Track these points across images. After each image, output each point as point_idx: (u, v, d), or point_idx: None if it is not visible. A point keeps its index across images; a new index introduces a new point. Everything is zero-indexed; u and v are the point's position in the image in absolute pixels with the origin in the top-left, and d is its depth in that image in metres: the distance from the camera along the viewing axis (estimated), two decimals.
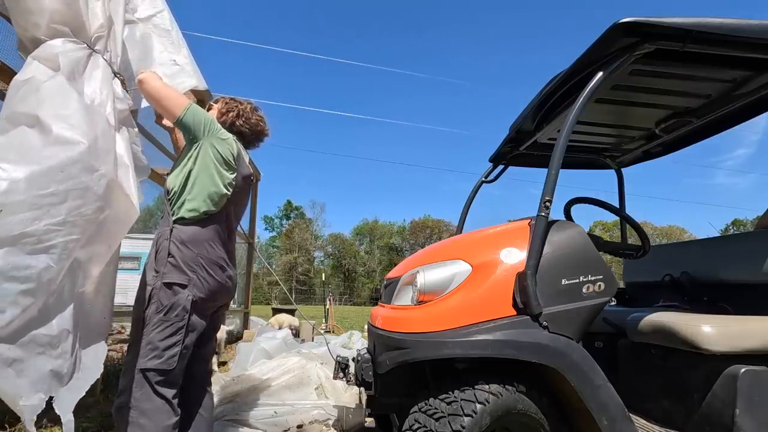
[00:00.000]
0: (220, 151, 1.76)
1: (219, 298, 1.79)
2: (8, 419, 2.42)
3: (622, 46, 1.54)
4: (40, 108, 1.34)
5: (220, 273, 1.76)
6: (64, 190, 1.30)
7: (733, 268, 2.03)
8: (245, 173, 1.89)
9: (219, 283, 1.75)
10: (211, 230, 1.75)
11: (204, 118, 1.77)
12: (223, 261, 1.79)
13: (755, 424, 1.47)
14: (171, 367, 1.60)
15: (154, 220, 23.84)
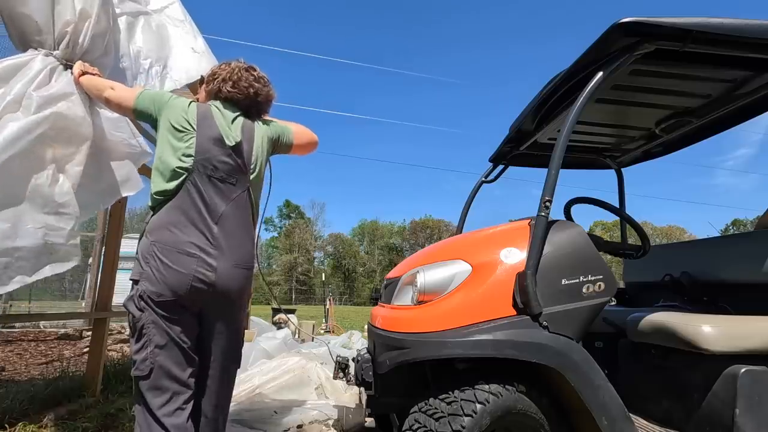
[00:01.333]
0: (169, 120, 1.55)
1: (187, 292, 1.44)
2: (8, 419, 2.42)
3: (622, 46, 1.54)
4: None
5: (183, 261, 1.43)
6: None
7: (733, 268, 2.03)
8: (214, 135, 1.56)
9: (180, 273, 1.42)
10: (173, 212, 1.48)
11: (151, 96, 1.61)
12: (193, 247, 1.45)
13: (755, 424, 1.47)
14: (144, 372, 1.42)
15: None
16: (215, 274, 1.47)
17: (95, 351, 3.25)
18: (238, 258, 1.55)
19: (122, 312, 5.33)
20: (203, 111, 1.60)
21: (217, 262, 1.48)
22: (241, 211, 1.58)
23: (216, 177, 1.54)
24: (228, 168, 1.56)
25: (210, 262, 1.47)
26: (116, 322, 7.05)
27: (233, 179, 1.57)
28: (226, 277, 1.50)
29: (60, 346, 5.82)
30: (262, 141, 1.69)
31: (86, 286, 9.28)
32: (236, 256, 1.54)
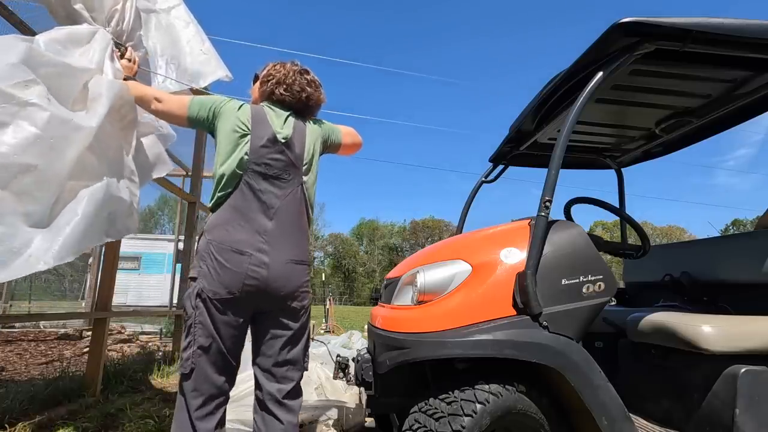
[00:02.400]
0: (226, 125, 1.59)
1: (241, 291, 1.45)
2: (8, 419, 2.42)
3: (622, 46, 1.54)
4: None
5: (237, 259, 1.45)
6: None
7: (733, 268, 2.03)
8: (267, 134, 1.58)
9: (233, 272, 1.44)
10: (229, 211, 1.51)
11: (203, 103, 1.64)
12: (246, 245, 1.47)
13: (755, 424, 1.47)
14: (186, 371, 1.43)
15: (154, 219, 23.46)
16: (268, 270, 1.48)
17: (95, 351, 3.25)
18: (292, 253, 1.54)
19: (122, 312, 5.31)
20: (257, 112, 1.63)
21: (269, 258, 1.49)
22: (295, 207, 1.59)
23: (270, 174, 1.56)
24: (281, 164, 1.58)
25: (263, 259, 1.48)
26: (116, 322, 7.06)
27: (287, 175, 1.59)
28: (279, 274, 1.50)
29: (60, 346, 5.82)
30: (313, 138, 1.71)
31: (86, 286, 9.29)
32: (290, 251, 1.54)
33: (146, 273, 14.32)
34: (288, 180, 1.59)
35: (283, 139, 1.60)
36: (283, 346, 1.56)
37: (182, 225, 8.44)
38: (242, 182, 1.53)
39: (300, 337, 1.61)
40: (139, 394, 3.35)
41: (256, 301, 1.49)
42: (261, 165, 1.55)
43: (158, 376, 4.01)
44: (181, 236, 8.71)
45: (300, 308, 1.58)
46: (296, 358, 1.59)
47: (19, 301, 11.41)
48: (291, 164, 1.60)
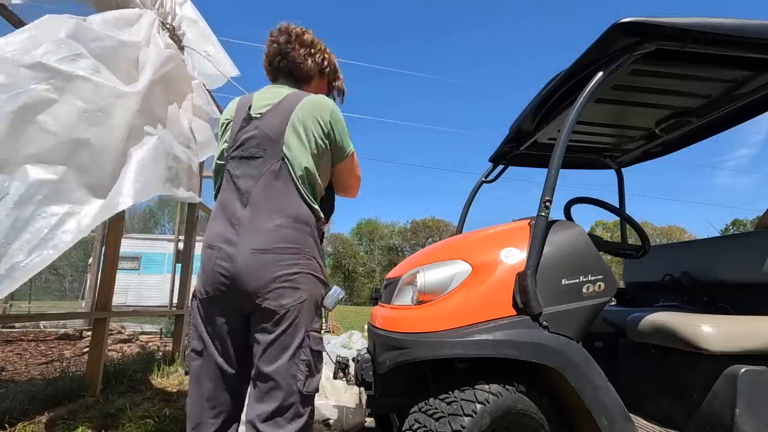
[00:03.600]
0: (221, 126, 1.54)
1: (215, 290, 1.29)
2: (8, 419, 2.42)
3: (622, 46, 1.54)
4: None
5: (208, 255, 1.32)
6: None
7: (733, 268, 2.03)
8: (243, 115, 1.42)
9: (206, 270, 1.31)
10: (215, 207, 1.42)
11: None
12: (217, 238, 1.32)
13: (755, 424, 1.47)
14: (186, 370, 1.38)
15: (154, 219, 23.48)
16: (232, 263, 1.26)
17: (95, 351, 3.25)
18: (259, 241, 1.26)
19: (122, 312, 5.30)
20: (243, 97, 1.51)
21: (235, 249, 1.27)
22: (271, 186, 1.33)
23: (246, 156, 1.37)
24: (255, 141, 1.37)
25: (228, 251, 1.28)
26: (116, 322, 7.06)
27: (261, 152, 1.35)
28: (243, 266, 1.25)
29: (60, 346, 5.82)
30: (307, 110, 1.39)
31: (86, 286, 9.29)
32: (257, 238, 1.27)
33: (146, 273, 14.33)
34: (263, 157, 1.35)
35: (258, 113, 1.40)
36: (261, 355, 1.26)
37: (182, 225, 8.44)
38: (224, 172, 1.42)
39: (285, 345, 1.25)
40: (139, 394, 3.35)
41: (230, 300, 1.30)
42: (237, 149, 1.39)
43: (158, 376, 4.00)
44: (181, 236, 8.71)
45: (276, 308, 1.25)
46: (279, 373, 1.24)
47: (19, 301, 11.41)
48: (266, 138, 1.36)
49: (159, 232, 31.52)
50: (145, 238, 15.33)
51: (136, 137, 1.60)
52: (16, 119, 1.33)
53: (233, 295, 1.28)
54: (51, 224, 1.35)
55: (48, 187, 1.37)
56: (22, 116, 1.35)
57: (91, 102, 1.44)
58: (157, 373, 4.05)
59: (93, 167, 1.45)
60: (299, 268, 1.29)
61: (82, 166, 1.43)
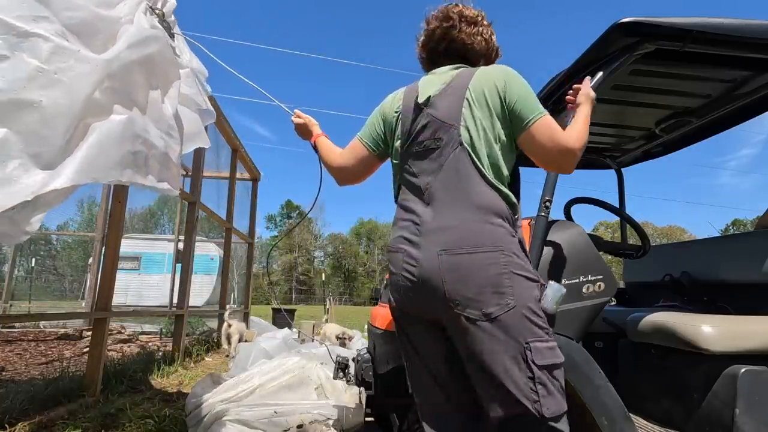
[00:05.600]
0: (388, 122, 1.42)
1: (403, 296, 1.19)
2: (8, 419, 2.42)
3: (622, 46, 1.54)
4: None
5: (395, 260, 1.20)
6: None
7: (733, 268, 2.03)
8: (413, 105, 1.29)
9: (393, 275, 1.21)
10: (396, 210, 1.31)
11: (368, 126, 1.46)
12: (401, 240, 1.20)
13: (755, 424, 1.47)
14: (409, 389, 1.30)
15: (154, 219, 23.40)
16: (418, 267, 1.12)
17: (95, 351, 3.25)
18: (448, 240, 1.10)
19: (122, 312, 5.31)
20: (409, 87, 1.38)
21: (420, 251, 1.13)
22: (454, 176, 1.17)
23: (421, 150, 1.23)
24: (429, 131, 1.22)
25: (413, 254, 1.14)
26: (116, 322, 7.06)
27: (438, 141, 1.21)
28: (431, 269, 1.10)
29: (60, 346, 5.82)
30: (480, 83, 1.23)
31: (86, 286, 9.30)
32: (445, 238, 1.11)
33: (146, 273, 14.33)
34: (439, 147, 1.20)
35: (425, 100, 1.25)
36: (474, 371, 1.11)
37: (182, 225, 8.44)
38: (401, 172, 1.30)
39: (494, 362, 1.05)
40: (139, 394, 3.35)
41: (421, 307, 1.17)
42: (411, 144, 1.26)
43: (158, 376, 4.01)
44: (181, 236, 8.72)
45: (477, 318, 1.06)
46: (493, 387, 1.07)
47: (19, 301, 11.41)
48: (440, 125, 1.21)
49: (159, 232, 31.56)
50: (145, 238, 15.34)
51: (102, 114, 1.44)
52: None
53: (423, 302, 1.15)
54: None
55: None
56: None
57: (48, 62, 1.29)
58: (157, 373, 4.05)
59: (41, 134, 1.28)
60: (500, 268, 1.07)
61: (27, 131, 1.27)
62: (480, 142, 1.19)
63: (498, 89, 1.22)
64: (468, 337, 1.08)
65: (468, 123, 1.19)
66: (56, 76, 1.31)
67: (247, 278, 8.75)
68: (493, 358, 1.05)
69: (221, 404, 2.55)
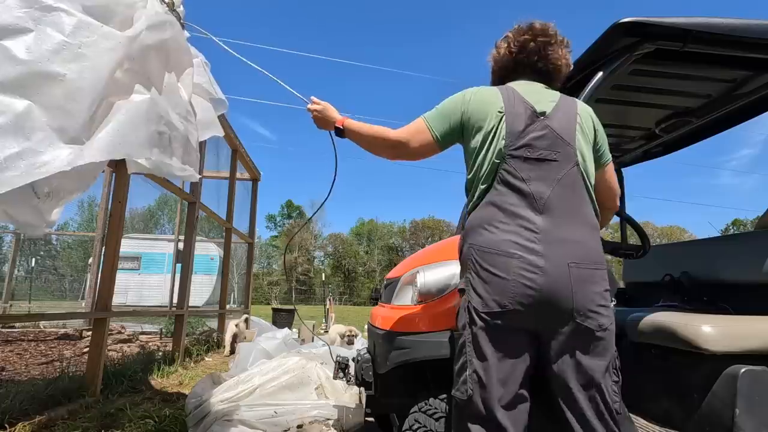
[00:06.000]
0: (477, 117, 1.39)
1: (513, 303, 1.15)
2: (8, 419, 2.42)
3: (622, 46, 1.55)
4: None
5: (503, 263, 1.17)
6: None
7: (733, 268, 2.03)
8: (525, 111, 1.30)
9: (501, 280, 1.17)
10: (487, 209, 1.26)
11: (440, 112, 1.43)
12: (513, 245, 1.18)
13: (755, 424, 1.47)
14: (463, 396, 1.19)
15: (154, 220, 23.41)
16: (544, 276, 1.14)
17: (95, 351, 3.25)
18: (575, 254, 1.17)
19: (122, 312, 5.31)
20: (505, 90, 1.37)
21: (544, 261, 1.15)
22: (571, 193, 1.24)
23: (534, 158, 1.25)
24: (545, 143, 1.26)
25: (535, 262, 1.16)
26: (116, 322, 7.05)
27: (555, 154, 1.25)
28: (560, 280, 1.14)
29: (60, 346, 5.82)
30: (586, 113, 1.39)
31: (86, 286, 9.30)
32: (571, 251, 1.17)
33: (146, 273, 14.34)
34: (557, 161, 1.25)
35: (542, 112, 1.30)
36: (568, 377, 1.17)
37: (182, 225, 8.45)
38: (500, 172, 1.27)
39: (599, 368, 1.17)
40: (139, 394, 3.35)
41: (532, 316, 1.17)
42: (522, 148, 1.26)
43: (158, 376, 4.01)
44: (181, 236, 8.72)
45: (595, 329, 1.16)
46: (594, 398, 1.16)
47: (19, 301, 11.41)
48: (558, 140, 1.26)
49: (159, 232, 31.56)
50: (145, 238, 15.34)
51: (124, 93, 1.44)
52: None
53: (541, 310, 1.15)
54: (4, 156, 1.19)
55: (4, 117, 1.22)
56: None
57: (72, 36, 1.30)
58: (157, 373, 4.05)
59: (66, 108, 1.29)
60: (606, 285, 1.21)
61: (52, 104, 1.27)
62: (587, 166, 1.30)
63: (595, 125, 1.40)
64: (583, 345, 1.17)
65: (580, 146, 1.30)
66: (80, 51, 1.31)
67: (247, 278, 8.76)
68: (599, 364, 1.17)
69: (221, 404, 2.55)
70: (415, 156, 1.47)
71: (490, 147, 1.30)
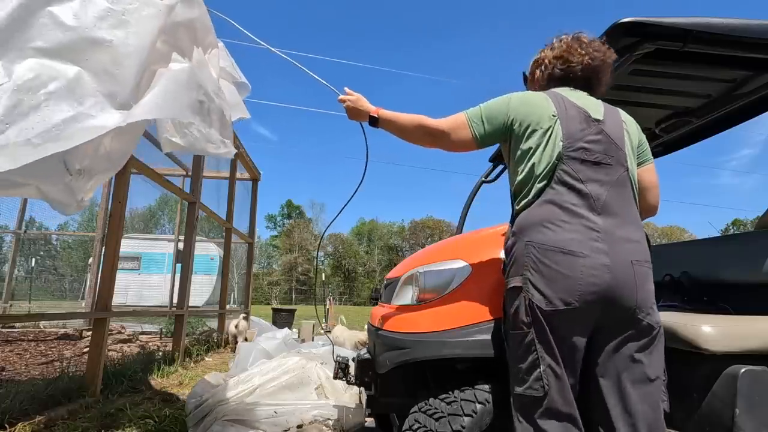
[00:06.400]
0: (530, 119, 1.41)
1: (579, 300, 1.18)
2: (8, 419, 2.42)
3: (622, 46, 1.54)
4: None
5: (569, 262, 1.20)
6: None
7: (733, 268, 2.03)
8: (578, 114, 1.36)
9: (567, 277, 1.20)
10: (545, 208, 1.29)
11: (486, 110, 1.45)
12: (577, 244, 1.22)
13: (755, 424, 1.47)
14: (539, 393, 1.19)
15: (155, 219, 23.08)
16: (610, 274, 1.19)
17: (95, 351, 3.25)
18: (635, 253, 1.24)
19: (122, 312, 5.31)
20: (554, 95, 1.41)
21: (610, 259, 1.20)
22: (623, 195, 1.31)
23: (590, 160, 1.30)
24: (601, 147, 1.32)
25: (602, 261, 1.19)
26: (116, 322, 7.06)
27: (609, 158, 1.32)
28: (625, 278, 1.20)
29: (60, 346, 5.82)
30: (630, 122, 1.48)
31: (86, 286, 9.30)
32: (632, 250, 1.24)
33: (146, 273, 14.32)
34: (611, 165, 1.32)
35: (600, 115, 1.37)
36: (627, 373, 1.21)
37: (182, 225, 8.44)
38: (557, 172, 1.30)
39: (657, 365, 1.25)
40: (139, 394, 3.35)
41: (596, 313, 1.20)
42: (578, 150, 1.30)
43: (158, 376, 4.01)
44: (181, 236, 8.71)
45: (654, 324, 1.24)
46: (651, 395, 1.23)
47: (19, 301, 11.41)
48: (612, 145, 1.33)
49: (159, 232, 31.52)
50: (145, 238, 15.33)
51: (165, 61, 1.46)
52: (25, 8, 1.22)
53: (605, 307, 1.20)
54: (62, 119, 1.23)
55: (58, 83, 1.25)
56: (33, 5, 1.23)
57: (115, 2, 1.33)
58: (157, 373, 4.05)
59: (114, 73, 1.31)
60: (653, 288, 1.29)
61: (100, 69, 1.30)
62: (633, 170, 1.39)
63: (638, 130, 1.50)
64: (642, 341, 1.23)
65: (629, 151, 1.38)
66: (124, 17, 1.34)
67: (247, 278, 8.76)
68: (659, 359, 1.26)
69: (221, 404, 2.55)
70: (452, 149, 1.50)
71: (547, 148, 1.33)
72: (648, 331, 1.23)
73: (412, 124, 1.49)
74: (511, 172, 1.47)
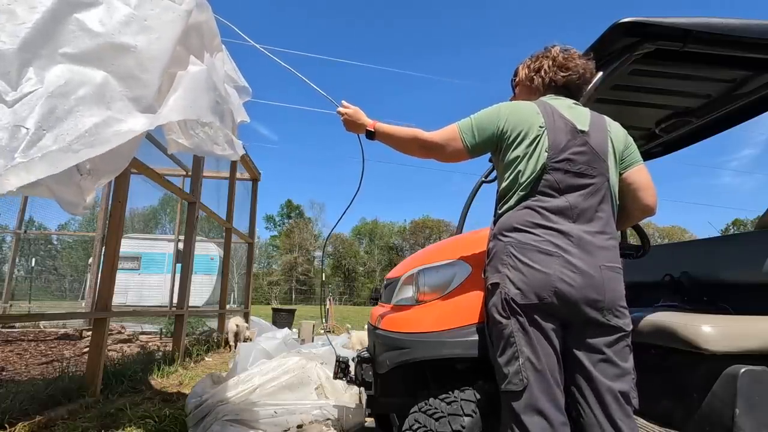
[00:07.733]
0: (518, 129, 1.45)
1: (551, 296, 1.27)
2: (8, 419, 2.42)
3: (622, 46, 1.55)
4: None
5: (544, 260, 1.28)
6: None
7: (733, 268, 2.03)
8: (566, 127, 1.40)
9: (542, 274, 1.27)
10: (525, 212, 1.37)
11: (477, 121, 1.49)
12: (552, 245, 1.30)
13: (755, 424, 1.47)
14: (518, 388, 1.26)
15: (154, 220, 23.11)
16: (580, 275, 1.27)
17: (95, 351, 3.25)
18: (604, 257, 1.31)
19: (122, 312, 5.32)
20: (542, 105, 1.46)
21: (581, 262, 1.28)
22: (600, 205, 1.38)
23: (573, 171, 1.37)
24: (585, 158, 1.38)
25: (573, 261, 1.28)
26: (116, 322, 7.05)
27: (592, 170, 1.38)
28: (593, 281, 1.27)
29: (60, 346, 5.82)
30: (616, 130, 1.49)
31: (86, 286, 9.30)
32: (601, 255, 1.31)
33: (146, 273, 14.32)
34: (592, 175, 1.38)
35: (582, 129, 1.41)
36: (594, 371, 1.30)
37: (182, 225, 8.44)
38: (541, 182, 1.37)
39: (621, 365, 1.33)
40: (139, 394, 3.35)
41: (567, 310, 1.28)
42: (562, 161, 1.36)
43: (158, 376, 4.01)
44: (181, 236, 8.72)
45: (621, 326, 1.31)
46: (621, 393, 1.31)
47: (19, 301, 11.41)
48: (595, 156, 1.39)
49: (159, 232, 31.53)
50: (145, 238, 15.32)
51: (183, 63, 1.51)
52: (52, 15, 1.25)
53: (574, 305, 1.27)
54: (93, 123, 1.26)
55: (87, 88, 1.28)
56: (60, 13, 1.26)
57: (138, 8, 1.37)
58: (157, 373, 4.05)
59: (140, 77, 1.36)
60: (623, 292, 1.35)
61: (126, 74, 1.34)
62: (614, 180, 1.43)
63: (624, 136, 1.50)
64: (613, 338, 1.31)
65: (611, 162, 1.42)
66: (146, 23, 1.38)
67: (247, 278, 8.76)
68: (627, 356, 1.34)
69: (221, 404, 2.55)
70: (446, 160, 1.57)
71: (532, 158, 1.39)
72: (615, 330, 1.30)
73: (408, 137, 1.55)
74: (498, 178, 1.53)
